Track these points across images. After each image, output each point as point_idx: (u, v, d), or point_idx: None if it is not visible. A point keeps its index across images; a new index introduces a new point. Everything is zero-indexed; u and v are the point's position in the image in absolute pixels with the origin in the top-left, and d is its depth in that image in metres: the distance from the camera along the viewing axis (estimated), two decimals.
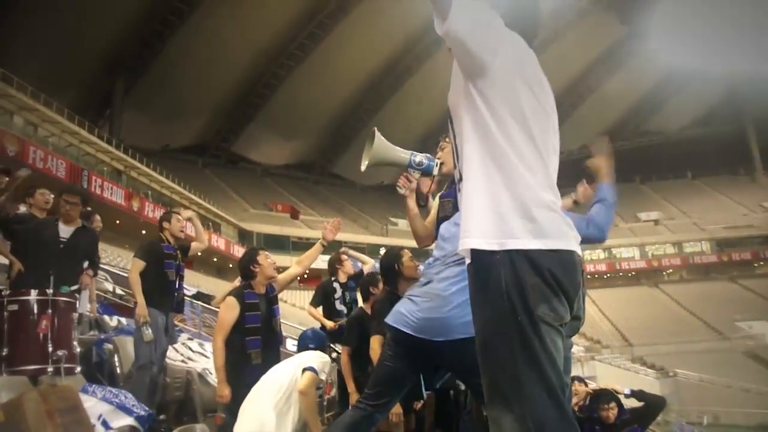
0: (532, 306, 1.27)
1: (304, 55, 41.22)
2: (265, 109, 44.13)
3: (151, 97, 37.61)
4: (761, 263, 45.68)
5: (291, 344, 9.45)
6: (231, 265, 31.06)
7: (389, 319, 2.45)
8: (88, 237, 4.83)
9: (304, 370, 3.37)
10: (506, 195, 1.34)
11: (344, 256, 5.45)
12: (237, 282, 4.72)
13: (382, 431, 3.25)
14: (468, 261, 1.38)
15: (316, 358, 3.50)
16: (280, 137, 46.19)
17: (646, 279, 46.06)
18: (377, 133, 2.40)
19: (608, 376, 24.42)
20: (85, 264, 4.89)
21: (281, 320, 4.30)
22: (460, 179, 1.46)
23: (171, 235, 4.96)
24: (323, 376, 3.47)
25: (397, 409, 3.23)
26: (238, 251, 30.39)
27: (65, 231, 4.61)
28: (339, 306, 5.47)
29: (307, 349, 3.76)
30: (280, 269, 4.17)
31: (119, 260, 19.48)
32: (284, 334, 7.18)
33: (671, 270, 47.11)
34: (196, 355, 6.99)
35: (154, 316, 4.60)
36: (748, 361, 32.24)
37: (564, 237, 1.37)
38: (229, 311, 3.84)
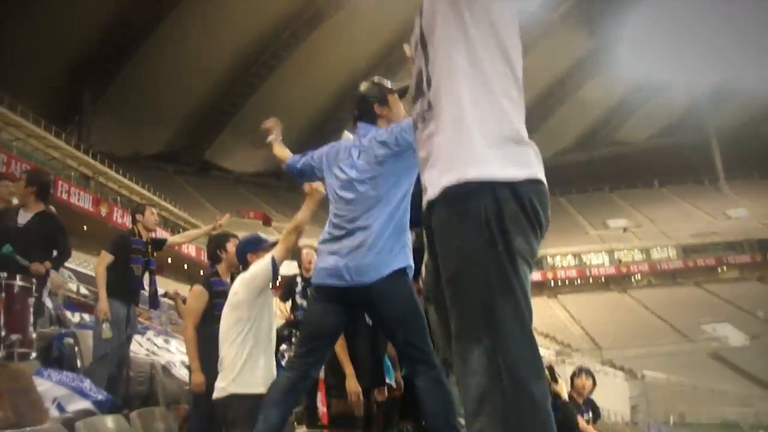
0: (511, 237, 1.23)
1: (277, 63, 41.25)
2: (238, 117, 43.92)
3: (122, 103, 37.21)
4: (725, 268, 46.88)
5: None
6: (202, 272, 30.71)
7: (315, 279, 2.47)
8: (46, 223, 4.49)
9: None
10: (489, 126, 1.30)
11: (305, 251, 5.46)
12: None
13: (341, 412, 3.26)
14: (441, 193, 1.31)
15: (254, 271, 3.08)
16: (252, 145, 46.03)
17: (615, 284, 46.84)
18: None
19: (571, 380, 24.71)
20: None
21: None
22: (429, 108, 1.39)
23: (144, 228, 4.82)
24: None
25: (355, 388, 3.20)
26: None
27: (23, 217, 4.39)
28: (299, 300, 5.54)
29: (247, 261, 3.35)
30: None
31: (86, 266, 19.18)
32: None
33: (639, 276, 48.03)
34: (161, 351, 6.92)
35: (115, 308, 4.45)
36: (712, 362, 33.08)
37: (540, 169, 1.35)
38: (198, 300, 3.80)
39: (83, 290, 9.24)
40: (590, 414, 5.26)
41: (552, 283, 47.50)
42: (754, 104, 52.69)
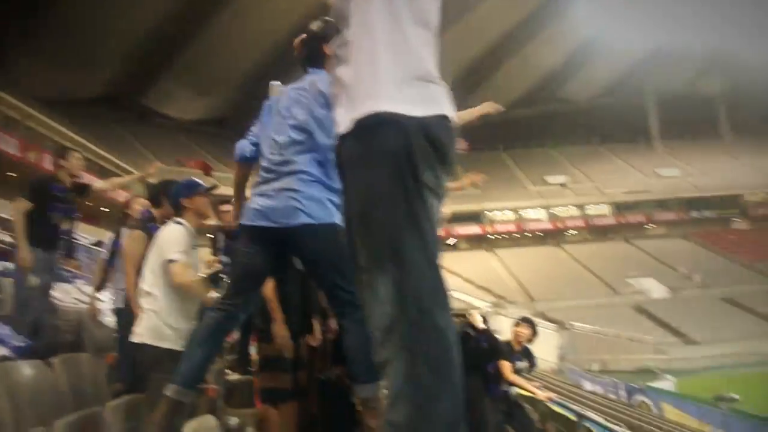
0: (420, 171, 1.24)
1: (220, 5, 39.52)
2: (179, 61, 42.07)
3: (54, 43, 34.94)
4: (653, 225, 49.31)
5: None
6: (128, 217, 29.90)
7: (243, 220, 2.46)
8: None
9: (169, 261, 3.02)
10: (401, 64, 1.31)
11: (225, 207, 5.20)
12: None
13: (269, 355, 3.29)
14: (351, 127, 1.31)
15: (171, 242, 3.06)
16: (194, 91, 44.46)
17: (551, 239, 48.54)
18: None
19: (510, 329, 25.86)
20: None
21: None
22: (344, 46, 1.40)
23: (68, 174, 4.60)
24: (188, 251, 3.09)
25: (281, 332, 3.20)
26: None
27: None
28: (221, 257, 5.46)
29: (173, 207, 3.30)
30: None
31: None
32: None
33: (574, 231, 49.92)
34: (90, 299, 6.81)
35: (36, 257, 4.35)
36: (635, 314, 35.08)
37: (450, 107, 1.34)
38: (137, 244, 3.71)
39: (7, 238, 8.93)
40: (525, 362, 5.50)
41: (490, 237, 48.73)
42: (690, 68, 54.70)
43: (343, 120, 1.34)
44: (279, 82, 2.97)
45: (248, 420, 3.69)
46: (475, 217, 48.50)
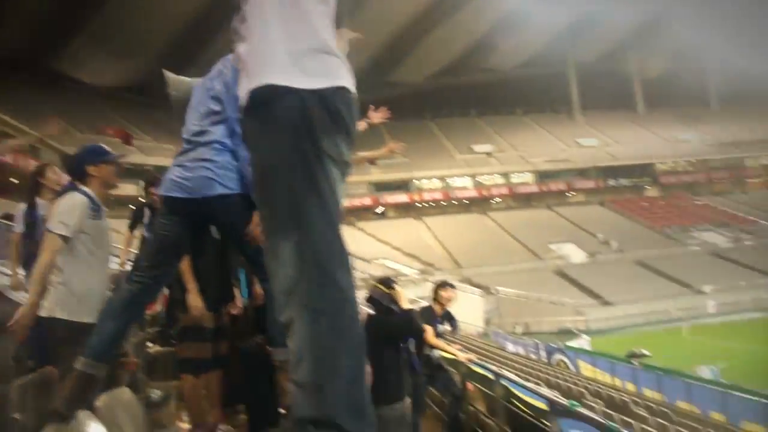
0: (318, 139, 1.26)
1: None
2: (94, 22, 39.63)
3: None
4: (573, 193, 51.50)
5: None
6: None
7: (161, 191, 2.42)
8: None
9: (46, 230, 2.94)
10: (296, 36, 1.32)
11: (154, 189, 5.01)
12: None
13: (189, 325, 3.27)
14: (248, 99, 1.33)
15: (60, 212, 2.96)
16: (111, 55, 42.03)
17: (476, 207, 49.66)
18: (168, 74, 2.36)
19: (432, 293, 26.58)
20: None
21: None
22: (242, 22, 1.40)
23: None
24: (81, 221, 2.99)
25: (196, 303, 3.21)
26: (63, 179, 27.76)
27: None
28: (145, 232, 5.34)
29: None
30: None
31: None
32: None
33: (499, 199, 51.38)
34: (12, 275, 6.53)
35: None
36: (557, 278, 36.82)
37: (348, 79, 1.36)
38: None
39: None
40: (447, 326, 5.63)
41: (418, 206, 49.50)
42: (609, 40, 56.80)
43: (243, 94, 1.35)
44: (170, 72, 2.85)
45: (171, 392, 3.62)
46: (403, 186, 49.04)
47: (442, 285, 5.80)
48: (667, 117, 56.43)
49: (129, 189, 18.68)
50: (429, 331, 5.13)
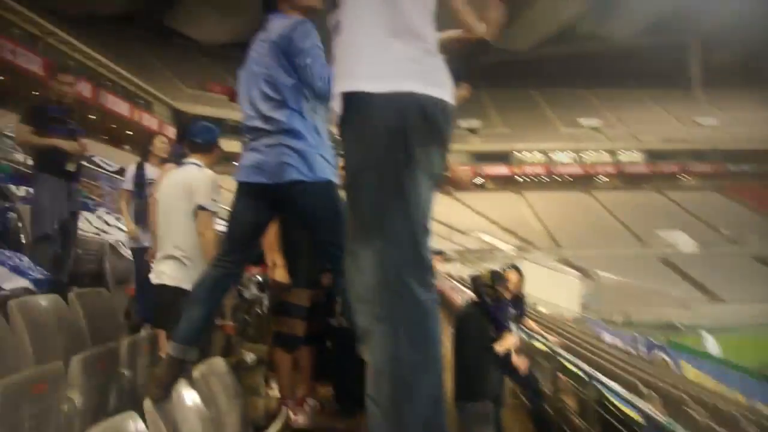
0: (411, 147, 1.26)
1: None
2: None
3: None
4: (687, 177, 47.82)
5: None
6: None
7: (237, 177, 2.42)
8: None
9: (199, 207, 3.16)
10: (400, 41, 1.31)
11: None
12: None
13: (284, 301, 3.19)
14: (346, 100, 1.33)
15: (203, 187, 3.19)
16: (219, 12, 43.02)
17: (580, 185, 47.43)
18: None
19: (534, 274, 25.53)
20: None
21: None
22: (341, 21, 1.39)
23: (58, 94, 4.34)
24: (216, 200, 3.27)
25: (281, 277, 3.12)
26: (171, 133, 28.82)
27: None
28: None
29: (195, 147, 3.36)
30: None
31: None
32: None
33: (604, 177, 48.72)
34: (112, 229, 6.63)
35: (50, 184, 4.21)
36: (663, 267, 34.47)
37: (448, 86, 1.36)
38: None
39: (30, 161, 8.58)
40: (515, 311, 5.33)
41: (518, 179, 47.85)
42: (738, 7, 51.26)
43: (337, 92, 1.36)
44: None
45: (264, 357, 3.95)
46: (503, 157, 47.54)
47: (509, 268, 5.65)
48: None
49: (233, 146, 18.84)
50: (507, 340, 4.43)
